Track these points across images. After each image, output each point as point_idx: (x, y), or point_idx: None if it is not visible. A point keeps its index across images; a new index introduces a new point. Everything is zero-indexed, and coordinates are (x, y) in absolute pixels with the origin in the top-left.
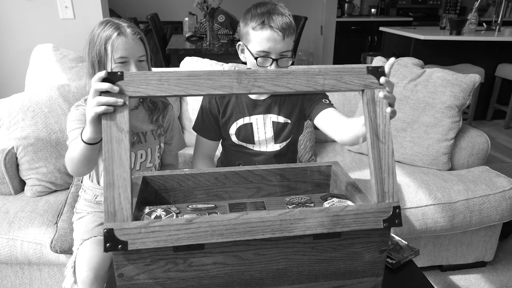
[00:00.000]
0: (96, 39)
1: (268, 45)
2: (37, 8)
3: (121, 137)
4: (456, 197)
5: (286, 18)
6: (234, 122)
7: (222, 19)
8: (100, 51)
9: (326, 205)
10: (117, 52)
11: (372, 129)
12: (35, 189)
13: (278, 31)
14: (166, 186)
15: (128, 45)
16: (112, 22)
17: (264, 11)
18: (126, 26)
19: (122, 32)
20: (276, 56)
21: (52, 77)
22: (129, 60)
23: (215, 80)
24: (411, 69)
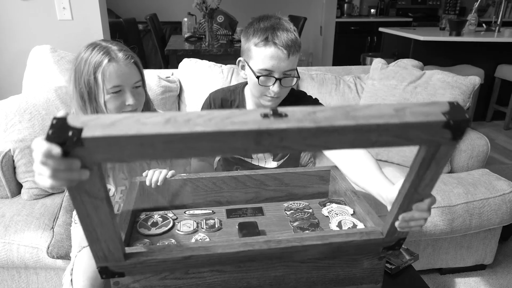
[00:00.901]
0: (84, 67)
1: (272, 63)
2: (34, 9)
3: (97, 204)
4: (456, 200)
5: (291, 34)
6: None
7: (221, 19)
8: (90, 81)
9: (324, 211)
10: (110, 81)
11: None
12: (32, 192)
13: (283, 49)
14: (163, 191)
15: (121, 71)
16: (100, 45)
17: (268, 26)
18: (117, 49)
19: (113, 58)
20: (280, 75)
21: (49, 78)
22: (123, 88)
23: (223, 142)
24: (411, 71)
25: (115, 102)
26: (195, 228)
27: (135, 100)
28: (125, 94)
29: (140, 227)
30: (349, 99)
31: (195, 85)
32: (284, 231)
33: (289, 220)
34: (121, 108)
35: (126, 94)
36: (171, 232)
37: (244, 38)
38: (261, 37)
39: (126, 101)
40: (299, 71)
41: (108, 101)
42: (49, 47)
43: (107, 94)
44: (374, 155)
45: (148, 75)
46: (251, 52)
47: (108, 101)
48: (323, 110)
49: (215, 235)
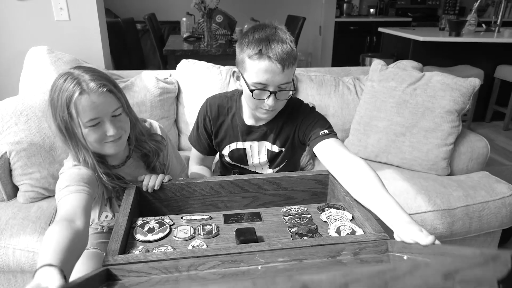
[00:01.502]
0: (57, 102)
1: (266, 76)
2: (31, 10)
3: None
4: (456, 203)
5: (286, 46)
6: (227, 145)
7: (220, 19)
8: (64, 117)
9: (323, 216)
10: (84, 114)
11: None
12: (28, 195)
13: (277, 63)
14: (160, 196)
15: (95, 103)
16: (71, 76)
17: (263, 38)
18: (89, 79)
19: (84, 90)
20: (275, 89)
21: (46, 80)
22: (101, 119)
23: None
24: (410, 73)
25: (95, 135)
26: (192, 234)
27: (116, 130)
28: (105, 125)
29: (137, 233)
30: (349, 101)
31: (194, 86)
32: (282, 237)
33: (287, 225)
34: (102, 140)
35: (106, 125)
36: (168, 238)
37: (238, 48)
38: (255, 49)
39: (107, 132)
40: (298, 72)
41: (87, 134)
42: (46, 48)
43: (84, 128)
44: (373, 157)
45: (146, 76)
46: (245, 64)
47: (87, 134)
48: (357, 280)
49: (212, 241)
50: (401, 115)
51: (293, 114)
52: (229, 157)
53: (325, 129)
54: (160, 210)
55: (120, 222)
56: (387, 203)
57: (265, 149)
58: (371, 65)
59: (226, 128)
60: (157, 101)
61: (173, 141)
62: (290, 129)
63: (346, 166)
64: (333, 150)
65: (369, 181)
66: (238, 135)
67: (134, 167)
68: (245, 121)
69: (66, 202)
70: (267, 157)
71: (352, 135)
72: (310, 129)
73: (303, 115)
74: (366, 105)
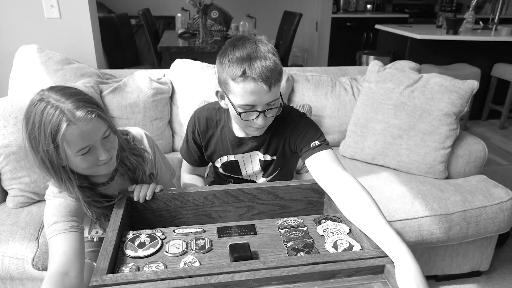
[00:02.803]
0: (39, 135)
1: (253, 98)
2: (21, 7)
3: None
4: (453, 208)
5: (269, 61)
6: (218, 158)
7: (216, 15)
8: (49, 151)
9: (319, 229)
10: (74, 146)
11: None
12: (17, 200)
13: (263, 84)
14: (152, 206)
15: (84, 133)
16: (50, 104)
17: (244, 56)
18: (73, 107)
19: (71, 120)
20: (263, 108)
21: (36, 80)
22: (92, 145)
23: None
24: (408, 74)
25: (86, 162)
26: (185, 249)
27: (107, 152)
28: (97, 151)
29: (127, 248)
30: (345, 102)
31: (188, 87)
32: (277, 252)
33: (283, 239)
34: (94, 164)
35: (98, 150)
36: (159, 254)
37: (219, 67)
38: (238, 71)
39: (99, 156)
40: (294, 72)
41: (78, 162)
42: (36, 46)
43: (75, 157)
44: (370, 159)
45: (139, 77)
46: (229, 86)
47: (78, 162)
48: None
49: (205, 257)
50: (398, 118)
51: (283, 123)
52: (222, 169)
53: (316, 139)
54: (152, 221)
55: (110, 237)
56: (386, 233)
57: (257, 159)
58: (369, 66)
59: (215, 141)
60: (151, 102)
61: (167, 142)
62: (279, 139)
63: (339, 187)
64: (325, 166)
65: (365, 206)
66: (228, 148)
67: (121, 182)
68: (235, 133)
69: (57, 246)
70: (260, 166)
71: (349, 137)
72: (300, 139)
73: (292, 124)
74: (363, 106)
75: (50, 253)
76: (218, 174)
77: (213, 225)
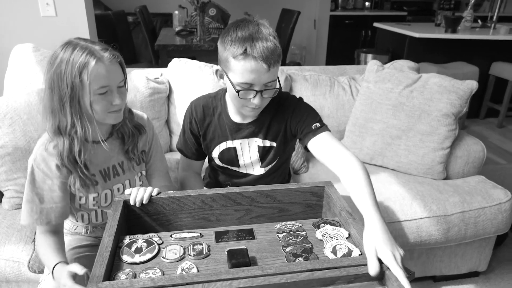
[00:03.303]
0: (66, 68)
1: (252, 77)
2: (16, 5)
3: None
4: (452, 209)
5: (270, 43)
6: (217, 146)
7: (213, 12)
8: (74, 83)
9: (318, 233)
10: (98, 81)
11: None
12: (13, 202)
13: (263, 63)
14: (149, 210)
15: (108, 72)
16: (80, 45)
17: (246, 36)
18: (100, 49)
19: (100, 58)
20: (261, 88)
21: (32, 80)
22: (110, 88)
23: None
24: (407, 74)
25: (102, 103)
26: (182, 254)
27: (121, 99)
28: (112, 94)
29: (123, 253)
30: (344, 102)
31: (185, 86)
32: (276, 258)
33: (282, 244)
34: (107, 109)
35: (113, 94)
36: (156, 260)
37: (221, 46)
38: (240, 49)
39: (113, 101)
40: (293, 72)
41: (95, 101)
42: (31, 45)
43: (93, 95)
44: (368, 159)
45: (136, 76)
46: (230, 64)
47: (95, 101)
48: None
49: (203, 263)
50: (397, 118)
51: (282, 107)
52: (219, 158)
53: (316, 121)
54: (149, 225)
55: (106, 242)
56: (364, 202)
57: (255, 146)
58: (367, 66)
59: (213, 128)
60: (148, 102)
61: (165, 142)
62: (280, 122)
63: (342, 163)
64: (328, 146)
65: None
66: (227, 134)
67: (114, 152)
68: (232, 118)
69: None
70: (258, 154)
71: (347, 137)
72: (302, 122)
73: (293, 106)
74: (361, 106)
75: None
76: (214, 170)
77: (211, 230)
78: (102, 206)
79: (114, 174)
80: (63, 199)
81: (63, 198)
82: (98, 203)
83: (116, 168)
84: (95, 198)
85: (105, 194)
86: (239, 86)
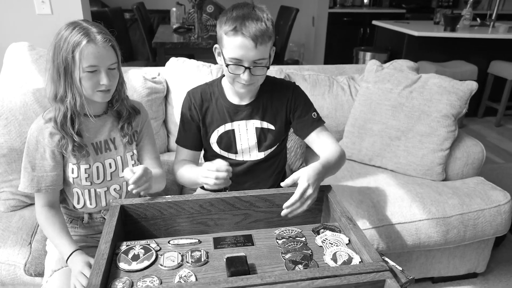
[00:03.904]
0: (63, 45)
1: (241, 52)
2: (11, 3)
3: None
4: (451, 211)
5: (261, 24)
6: (215, 130)
7: (211, 9)
8: (67, 58)
9: (318, 240)
10: (87, 60)
11: None
12: (9, 204)
13: (250, 39)
14: (146, 215)
15: (98, 53)
16: (80, 26)
17: (239, 15)
18: (96, 32)
19: (92, 39)
20: (250, 64)
21: (27, 79)
22: (99, 68)
23: None
24: (407, 74)
25: (90, 81)
26: (180, 262)
27: (109, 80)
28: (100, 74)
29: (120, 260)
30: (343, 102)
31: (183, 86)
32: (275, 265)
33: (281, 251)
34: (95, 87)
35: (101, 74)
36: (154, 267)
37: (218, 25)
38: (231, 26)
39: (101, 81)
40: (291, 71)
41: (83, 78)
42: (27, 44)
43: (82, 72)
44: (367, 160)
45: (133, 76)
46: (223, 41)
47: (83, 78)
48: None
49: (201, 270)
50: (396, 119)
51: (279, 90)
52: (218, 143)
53: (313, 110)
54: (146, 230)
55: (103, 249)
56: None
57: (253, 128)
58: (367, 66)
59: (212, 112)
60: (145, 102)
61: (162, 143)
62: (280, 104)
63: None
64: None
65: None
66: (226, 116)
67: (107, 127)
68: (230, 100)
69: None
70: (256, 136)
71: (346, 137)
72: (301, 105)
73: (291, 88)
74: (360, 107)
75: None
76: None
77: (209, 236)
78: (95, 183)
79: (105, 148)
80: (53, 169)
81: (54, 168)
82: (91, 177)
83: (108, 143)
84: (86, 170)
85: (97, 168)
86: (229, 61)
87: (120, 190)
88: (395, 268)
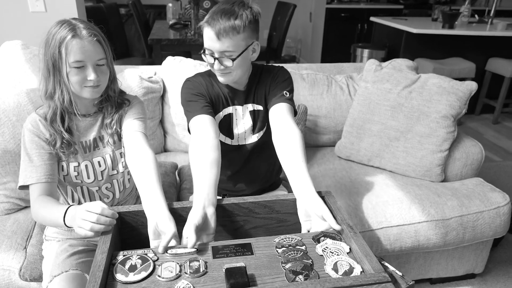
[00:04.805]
0: (51, 41)
1: (208, 43)
2: (4, 0)
3: None
4: (450, 213)
5: (232, 20)
6: (217, 115)
7: (208, 5)
8: (54, 54)
9: (319, 248)
10: (72, 55)
11: None
12: (3, 207)
13: (213, 32)
14: (143, 222)
15: (84, 48)
16: (68, 22)
17: (218, 10)
18: (83, 27)
19: (77, 34)
20: (218, 55)
21: (21, 79)
22: (86, 64)
23: None
24: (406, 74)
25: (77, 76)
26: (178, 273)
27: (96, 76)
28: (87, 70)
29: (117, 271)
30: (341, 101)
31: (180, 85)
32: (275, 276)
33: (281, 260)
34: (83, 83)
35: (88, 70)
36: (151, 278)
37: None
38: (206, 19)
39: (88, 76)
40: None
41: (70, 73)
42: (20, 42)
43: (69, 67)
44: (366, 161)
45: (129, 75)
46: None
47: (70, 73)
48: None
49: (200, 281)
50: (395, 119)
51: (267, 73)
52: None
53: (287, 90)
54: (144, 238)
55: (99, 260)
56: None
57: (248, 112)
58: (365, 65)
59: (216, 95)
60: None
61: (159, 143)
62: (265, 85)
63: (283, 135)
64: (281, 116)
65: (292, 152)
66: (228, 100)
67: (94, 121)
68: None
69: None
70: (251, 119)
71: (345, 137)
72: (274, 86)
73: (276, 70)
74: (359, 107)
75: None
76: None
77: (207, 244)
78: (86, 182)
79: (94, 147)
80: (51, 157)
81: (49, 158)
82: (80, 175)
83: (96, 141)
84: (76, 168)
85: (86, 166)
86: (204, 50)
87: (111, 188)
88: (395, 274)
